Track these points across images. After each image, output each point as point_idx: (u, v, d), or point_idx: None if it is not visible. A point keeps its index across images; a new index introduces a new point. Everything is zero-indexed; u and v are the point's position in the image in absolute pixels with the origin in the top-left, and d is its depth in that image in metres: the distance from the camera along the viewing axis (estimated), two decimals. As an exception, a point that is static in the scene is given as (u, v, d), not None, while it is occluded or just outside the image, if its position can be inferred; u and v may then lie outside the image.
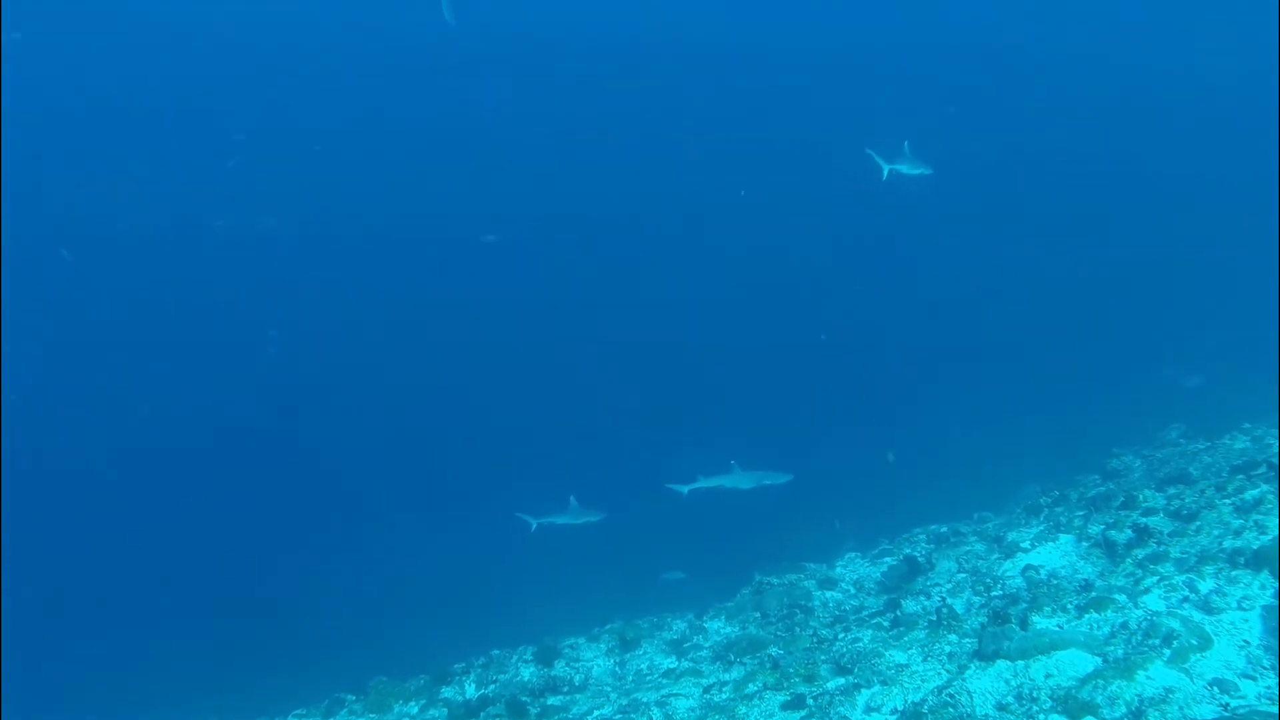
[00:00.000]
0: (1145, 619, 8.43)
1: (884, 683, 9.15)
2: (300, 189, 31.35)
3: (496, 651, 14.64)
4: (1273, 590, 8.46)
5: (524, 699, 12.31)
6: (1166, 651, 7.82)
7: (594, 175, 32.62)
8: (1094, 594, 9.51)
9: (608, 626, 14.67)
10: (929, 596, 12.00)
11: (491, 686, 13.36)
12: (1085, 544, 11.73)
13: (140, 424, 26.92)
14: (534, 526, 17.14)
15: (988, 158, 28.50)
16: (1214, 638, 7.97)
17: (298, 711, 14.74)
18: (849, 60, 34.45)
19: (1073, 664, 8.15)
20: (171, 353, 28.67)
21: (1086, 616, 9.03)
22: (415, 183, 32.76)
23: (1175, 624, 8.08)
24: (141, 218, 30.66)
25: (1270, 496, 10.13)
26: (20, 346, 27.80)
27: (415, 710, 13.40)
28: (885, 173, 17.01)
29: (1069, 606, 9.32)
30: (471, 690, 13.48)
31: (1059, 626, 8.96)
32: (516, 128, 33.73)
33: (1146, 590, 9.25)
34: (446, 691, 13.64)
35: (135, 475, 25.45)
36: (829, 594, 13.91)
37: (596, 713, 11.20)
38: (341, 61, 34.18)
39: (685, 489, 16.34)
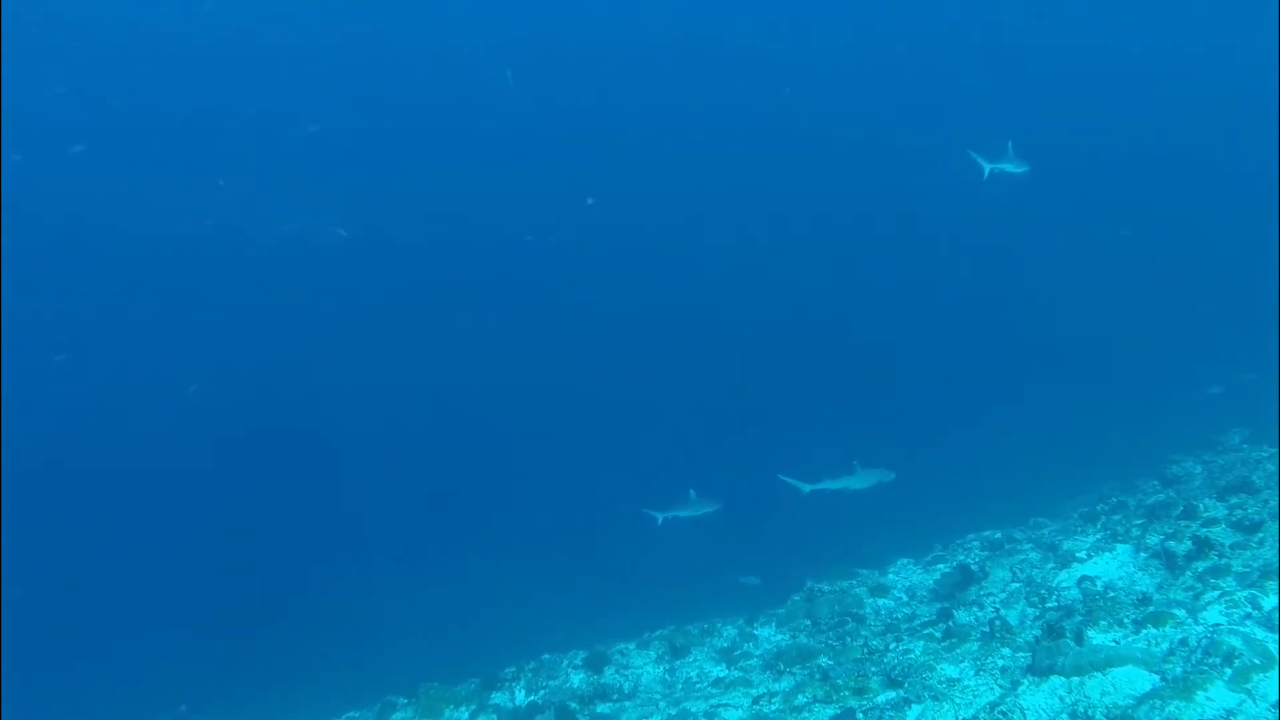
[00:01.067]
0: (1205, 636, 8.23)
1: (935, 698, 9.02)
2: (363, 195, 31.38)
3: (547, 656, 14.62)
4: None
5: (573, 705, 12.35)
6: (1228, 671, 7.61)
7: (671, 175, 32.18)
8: (1152, 608, 9.32)
9: (658, 633, 14.61)
10: (982, 607, 11.81)
11: (541, 693, 13.40)
12: (1143, 555, 11.50)
13: (188, 425, 27.24)
14: (660, 521, 16.96)
15: (1058, 157, 27.81)
16: (1278, 657, 7.74)
17: (350, 714, 14.93)
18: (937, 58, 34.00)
19: (1129, 682, 7.97)
20: (226, 357, 28.98)
21: (1144, 632, 8.85)
22: (458, 187, 32.67)
23: (1237, 642, 7.88)
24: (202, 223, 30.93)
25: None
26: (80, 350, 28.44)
27: (465, 715, 13.47)
28: (986, 172, 16.50)
29: (1126, 621, 9.15)
30: (521, 696, 13.53)
31: (1115, 642, 8.79)
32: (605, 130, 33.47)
33: (1207, 605, 9.05)
34: (497, 697, 13.70)
35: (187, 478, 25.81)
36: (881, 601, 13.77)
37: (645, 722, 11.18)
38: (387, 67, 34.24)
39: (806, 488, 15.57)
